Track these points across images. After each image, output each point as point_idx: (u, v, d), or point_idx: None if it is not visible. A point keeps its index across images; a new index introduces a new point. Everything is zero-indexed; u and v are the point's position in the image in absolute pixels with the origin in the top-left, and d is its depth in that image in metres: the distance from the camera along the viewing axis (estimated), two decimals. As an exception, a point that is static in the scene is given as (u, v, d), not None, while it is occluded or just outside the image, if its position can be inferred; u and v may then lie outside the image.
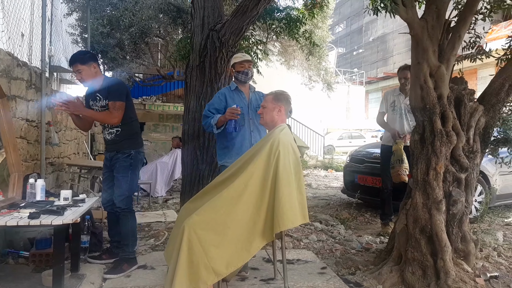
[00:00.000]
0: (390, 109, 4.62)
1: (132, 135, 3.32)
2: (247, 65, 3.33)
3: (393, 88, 4.73)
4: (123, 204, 3.20)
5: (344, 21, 35.91)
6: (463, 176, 2.96)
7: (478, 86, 15.24)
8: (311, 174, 11.32)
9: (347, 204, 6.26)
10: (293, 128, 3.27)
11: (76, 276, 2.95)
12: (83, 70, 3.14)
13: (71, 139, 6.12)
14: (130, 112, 3.29)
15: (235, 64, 3.34)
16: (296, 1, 6.96)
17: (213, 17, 4.29)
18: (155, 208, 5.94)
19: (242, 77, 3.32)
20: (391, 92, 4.72)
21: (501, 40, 3.74)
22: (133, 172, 3.28)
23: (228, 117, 3.08)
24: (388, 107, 4.64)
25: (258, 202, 2.38)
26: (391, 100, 4.63)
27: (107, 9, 7.89)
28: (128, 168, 3.24)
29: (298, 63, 11.45)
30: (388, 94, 4.76)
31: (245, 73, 3.31)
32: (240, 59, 3.34)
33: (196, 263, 2.19)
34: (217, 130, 3.19)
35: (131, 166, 3.26)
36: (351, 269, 3.25)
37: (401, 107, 4.50)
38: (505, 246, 3.95)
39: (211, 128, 3.22)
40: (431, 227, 2.87)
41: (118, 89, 3.17)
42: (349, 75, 28.31)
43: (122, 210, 3.22)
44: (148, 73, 12.12)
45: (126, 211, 3.23)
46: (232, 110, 3.08)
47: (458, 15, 3.19)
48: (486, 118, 3.11)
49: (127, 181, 3.22)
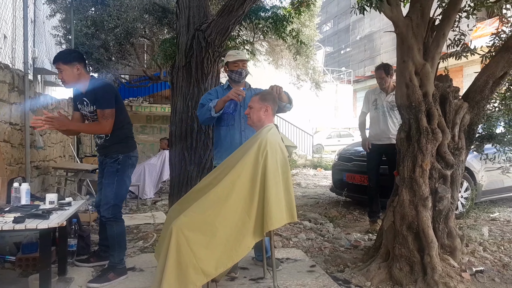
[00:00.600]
0: (372, 108, 4.67)
1: (123, 139, 3.16)
2: (241, 65, 3.21)
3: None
4: (107, 213, 3.02)
5: (331, 20, 36.12)
6: (449, 172, 3.00)
7: (464, 83, 15.43)
8: (300, 173, 11.35)
9: (335, 202, 6.29)
10: (281, 127, 3.28)
11: (63, 280, 2.93)
12: (64, 70, 2.95)
13: (56, 142, 6.04)
14: (120, 115, 3.11)
15: (229, 63, 3.22)
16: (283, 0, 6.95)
17: (198, 17, 4.26)
18: (144, 210, 5.89)
19: (235, 76, 3.23)
20: (372, 91, 4.77)
21: (486, 37, 3.79)
22: (120, 178, 3.09)
23: (231, 96, 2.94)
24: (370, 106, 4.69)
25: (247, 202, 2.38)
26: (373, 99, 4.68)
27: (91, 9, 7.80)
28: (114, 174, 3.07)
29: (286, 62, 11.47)
30: (369, 93, 4.80)
31: (239, 72, 3.21)
32: (233, 58, 3.21)
33: (184, 265, 2.17)
34: (215, 114, 3.06)
35: (118, 172, 3.08)
36: (340, 267, 3.27)
37: (383, 105, 4.55)
38: (491, 241, 4.01)
39: (209, 113, 3.06)
40: (417, 223, 2.90)
41: (105, 95, 2.98)
42: (337, 74, 28.46)
43: (106, 219, 3.05)
44: (134, 74, 12.02)
45: (111, 220, 3.04)
46: (237, 90, 2.96)
47: (442, 13, 3.23)
48: (471, 115, 3.15)
49: (113, 188, 3.04)
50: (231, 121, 3.19)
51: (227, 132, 3.20)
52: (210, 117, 3.10)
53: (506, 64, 3.03)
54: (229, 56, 3.25)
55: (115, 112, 3.03)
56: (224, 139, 3.21)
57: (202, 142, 4.19)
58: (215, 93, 3.27)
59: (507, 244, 3.92)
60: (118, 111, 3.07)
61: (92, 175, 5.66)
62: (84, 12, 7.70)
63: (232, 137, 3.19)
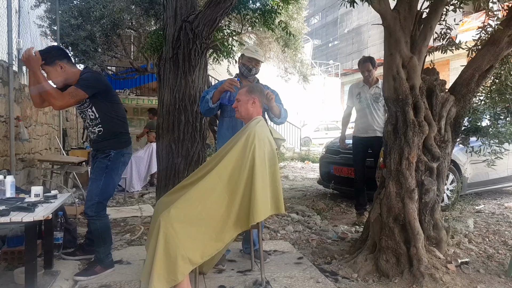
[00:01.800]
0: (356, 101, 4.70)
1: (115, 134, 3.04)
2: (254, 63, 3.26)
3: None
4: (90, 210, 2.92)
5: (319, 12, 36.10)
6: (435, 165, 3.03)
7: (450, 77, 15.59)
8: (288, 166, 11.39)
9: (323, 194, 6.33)
10: (269, 120, 3.28)
11: (49, 273, 2.90)
12: (48, 72, 2.82)
13: (42, 134, 5.95)
14: (112, 109, 3.01)
15: (243, 56, 3.28)
16: (272, -9, 6.91)
17: (186, 8, 4.21)
18: (131, 203, 5.86)
19: (244, 71, 3.28)
20: (356, 85, 4.80)
21: (472, 31, 3.82)
22: (108, 175, 2.98)
23: (226, 87, 3.01)
24: (355, 99, 4.72)
25: (233, 193, 2.42)
26: (356, 92, 4.71)
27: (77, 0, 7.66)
28: (103, 171, 2.96)
29: (274, 55, 11.45)
30: (352, 87, 4.83)
31: (249, 68, 3.26)
32: (250, 54, 3.24)
33: (174, 256, 2.21)
34: (213, 105, 3.12)
35: (107, 169, 2.97)
36: (327, 259, 3.30)
37: (367, 97, 4.58)
38: (476, 233, 4.08)
39: (207, 104, 3.12)
40: (404, 215, 2.93)
41: (88, 79, 2.84)
42: (325, 67, 28.51)
43: (89, 217, 2.97)
44: (121, 66, 11.89)
45: (94, 218, 2.94)
46: (232, 81, 3.02)
47: (429, 7, 3.23)
48: (457, 108, 3.18)
49: (99, 185, 2.94)
50: (233, 113, 3.18)
51: (229, 123, 3.24)
52: (209, 108, 3.16)
53: (492, 58, 3.06)
54: (247, 51, 3.30)
55: (106, 106, 2.96)
56: (227, 130, 3.24)
57: (190, 134, 4.16)
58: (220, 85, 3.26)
59: (492, 236, 4.00)
60: (109, 105, 2.99)
61: (78, 167, 5.59)
62: (70, 2, 7.57)
63: (234, 128, 3.21)
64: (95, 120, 2.99)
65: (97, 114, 2.97)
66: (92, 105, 2.96)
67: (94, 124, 3.00)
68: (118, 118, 3.08)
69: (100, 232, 2.97)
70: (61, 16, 7.27)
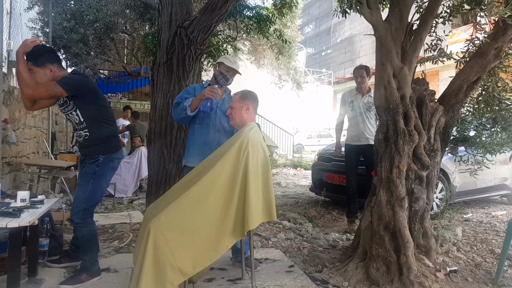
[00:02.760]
0: (349, 109, 4.74)
1: (103, 139, 2.95)
2: (231, 73, 3.24)
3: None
4: (76, 217, 2.84)
5: (313, 21, 36.42)
6: (425, 173, 3.06)
7: (440, 87, 15.76)
8: (281, 173, 11.39)
9: (315, 202, 6.34)
10: (262, 127, 3.28)
11: (33, 281, 2.82)
12: (36, 72, 2.72)
13: (30, 138, 5.88)
14: (99, 113, 2.93)
15: (222, 64, 3.22)
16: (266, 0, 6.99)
17: (181, 13, 4.23)
18: (120, 209, 5.80)
19: (221, 80, 3.23)
20: (349, 93, 4.84)
21: (461, 43, 3.89)
22: (96, 181, 2.89)
23: (207, 95, 2.96)
24: (347, 107, 4.76)
25: (227, 201, 2.37)
26: (349, 100, 4.75)
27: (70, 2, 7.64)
28: (91, 176, 2.88)
29: (268, 62, 11.50)
30: (345, 95, 4.87)
31: (226, 78, 3.23)
32: (229, 64, 3.21)
33: (162, 264, 2.15)
34: (191, 113, 3.05)
35: (95, 174, 2.89)
36: (318, 267, 3.30)
37: (359, 105, 4.63)
38: (464, 241, 4.11)
39: (184, 112, 3.04)
40: (394, 223, 2.95)
41: (71, 79, 2.73)
42: (318, 75, 28.70)
43: (75, 224, 2.88)
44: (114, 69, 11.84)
45: (81, 225, 2.86)
46: (212, 88, 2.98)
47: (420, 19, 3.29)
48: (446, 117, 3.23)
49: (86, 191, 2.85)
50: (206, 120, 3.17)
51: (201, 131, 3.17)
52: (185, 116, 3.08)
53: (480, 70, 3.12)
54: (227, 60, 3.26)
55: (92, 109, 2.88)
56: (198, 138, 3.18)
57: (182, 140, 4.15)
58: (192, 91, 3.24)
59: (480, 244, 4.03)
60: (95, 109, 2.91)
61: (66, 172, 5.52)
62: (63, 5, 7.54)
63: (206, 136, 3.16)
64: (80, 124, 2.92)
65: (82, 118, 2.89)
66: (76, 108, 2.88)
67: (80, 128, 2.94)
68: (106, 122, 2.99)
69: (86, 239, 2.90)
70: (54, 18, 7.23)
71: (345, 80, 27.29)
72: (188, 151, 3.23)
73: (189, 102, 3.05)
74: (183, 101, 3.10)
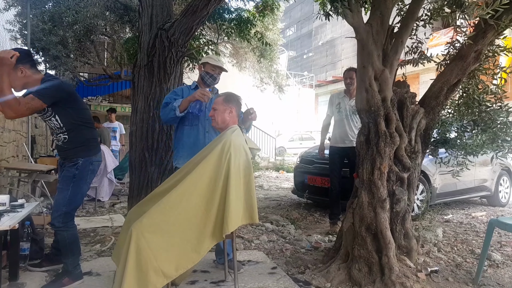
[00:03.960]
0: (335, 111, 4.78)
1: (83, 142, 2.92)
2: (217, 71, 3.24)
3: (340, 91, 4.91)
4: (57, 221, 2.79)
5: (294, 24, 36.68)
6: (406, 175, 3.10)
7: (420, 90, 16.08)
8: (263, 176, 11.40)
9: (297, 204, 6.35)
10: (244, 129, 3.27)
11: (15, 285, 2.79)
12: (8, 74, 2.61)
13: (9, 141, 5.74)
14: (77, 116, 2.88)
15: (207, 64, 3.21)
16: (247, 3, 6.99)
17: (161, 16, 4.20)
18: (102, 212, 5.70)
19: (209, 80, 3.23)
20: (336, 95, 4.89)
21: (441, 46, 3.97)
22: (76, 184, 2.86)
23: (198, 97, 2.95)
24: (334, 109, 4.80)
25: (208, 203, 2.38)
26: (336, 102, 4.80)
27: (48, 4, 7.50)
28: (71, 180, 2.84)
29: (250, 65, 11.51)
30: (333, 96, 4.92)
31: (213, 77, 3.23)
32: (215, 62, 3.21)
33: (145, 267, 2.15)
34: (180, 114, 3.04)
35: (75, 178, 2.85)
36: (301, 268, 3.30)
37: (346, 108, 4.67)
38: (445, 241, 4.19)
39: (173, 113, 3.03)
40: (376, 225, 2.97)
41: (47, 88, 2.69)
42: (300, 78, 28.90)
43: (56, 228, 2.83)
44: (94, 72, 11.67)
45: (62, 229, 2.82)
46: (204, 91, 2.97)
47: (401, 21, 3.34)
48: (426, 120, 3.28)
49: (66, 195, 2.82)
50: (195, 121, 3.16)
51: (190, 132, 3.17)
52: (174, 117, 3.07)
53: (460, 72, 3.18)
54: (211, 59, 3.25)
55: (70, 113, 2.83)
56: (187, 139, 3.17)
57: (164, 143, 4.11)
58: (180, 92, 3.23)
59: (460, 245, 4.11)
60: (74, 112, 2.87)
61: (47, 176, 5.41)
62: (42, 7, 7.39)
63: (195, 137, 3.16)
64: (60, 129, 2.88)
65: (61, 123, 2.85)
66: (55, 113, 2.83)
67: (59, 132, 2.89)
68: (85, 125, 2.96)
69: (68, 243, 2.86)
70: (32, 20, 7.09)
71: (326, 83, 27.57)
72: (178, 152, 3.21)
73: (178, 103, 3.04)
74: (172, 102, 3.09)
